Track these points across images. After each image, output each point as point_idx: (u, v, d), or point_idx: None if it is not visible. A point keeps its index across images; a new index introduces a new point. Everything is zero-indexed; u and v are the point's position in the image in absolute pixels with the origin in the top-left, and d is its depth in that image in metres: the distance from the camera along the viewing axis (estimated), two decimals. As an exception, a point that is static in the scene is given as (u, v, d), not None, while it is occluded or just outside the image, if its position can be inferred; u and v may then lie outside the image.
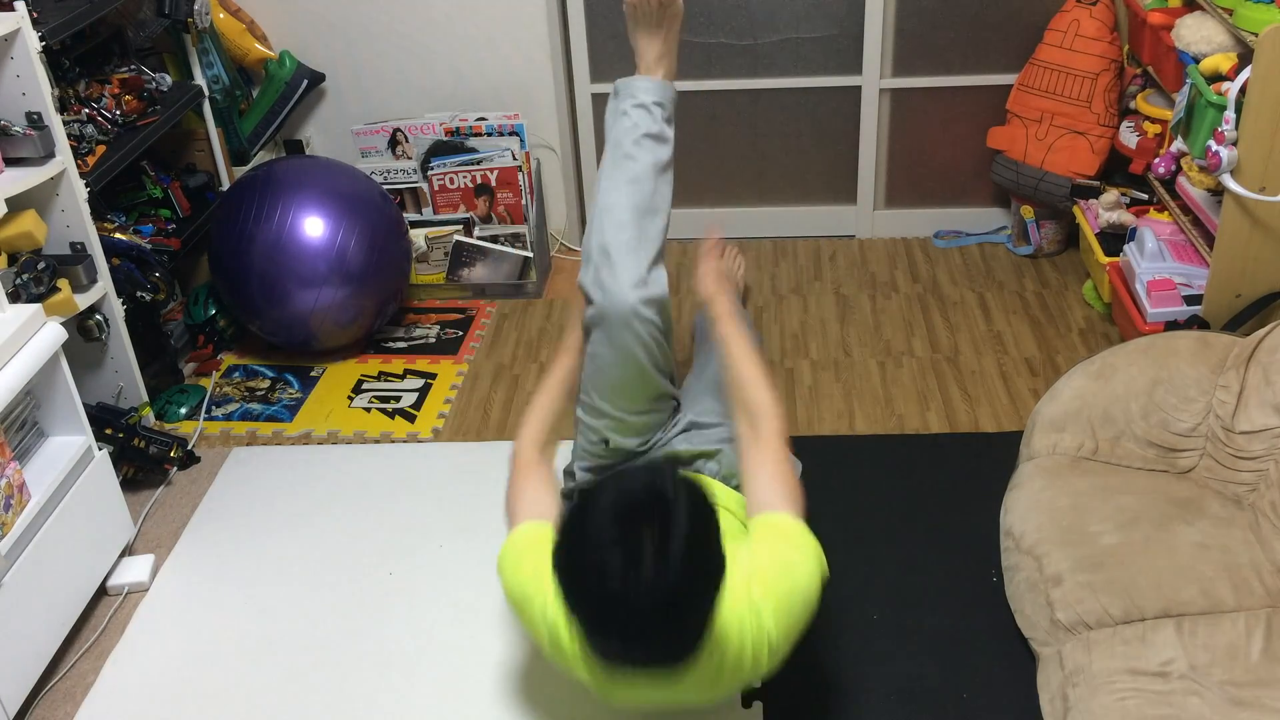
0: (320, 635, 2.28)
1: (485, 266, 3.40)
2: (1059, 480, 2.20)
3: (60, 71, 2.70)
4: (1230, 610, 1.88)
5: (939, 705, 2.03)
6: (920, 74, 3.45)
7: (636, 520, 1.46)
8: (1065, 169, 3.25)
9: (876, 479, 2.58)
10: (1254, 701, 1.74)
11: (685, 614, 1.50)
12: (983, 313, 3.22)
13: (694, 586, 1.49)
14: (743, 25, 3.42)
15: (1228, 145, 2.33)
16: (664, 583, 1.44)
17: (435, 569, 2.43)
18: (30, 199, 2.42)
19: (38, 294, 2.37)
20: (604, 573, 1.45)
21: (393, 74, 3.49)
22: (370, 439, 2.87)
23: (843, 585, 2.30)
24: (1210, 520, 2.05)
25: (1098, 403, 2.29)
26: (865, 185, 3.63)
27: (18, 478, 2.13)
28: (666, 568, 1.44)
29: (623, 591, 1.44)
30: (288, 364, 3.17)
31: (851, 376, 2.97)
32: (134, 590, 2.42)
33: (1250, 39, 2.36)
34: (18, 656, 2.10)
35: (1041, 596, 2.03)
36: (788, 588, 1.68)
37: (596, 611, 1.49)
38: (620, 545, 1.45)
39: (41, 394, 2.29)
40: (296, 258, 2.94)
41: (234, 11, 3.35)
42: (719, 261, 2.33)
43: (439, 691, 2.14)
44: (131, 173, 3.02)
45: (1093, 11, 3.15)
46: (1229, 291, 2.51)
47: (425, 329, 3.32)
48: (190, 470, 2.77)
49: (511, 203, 3.33)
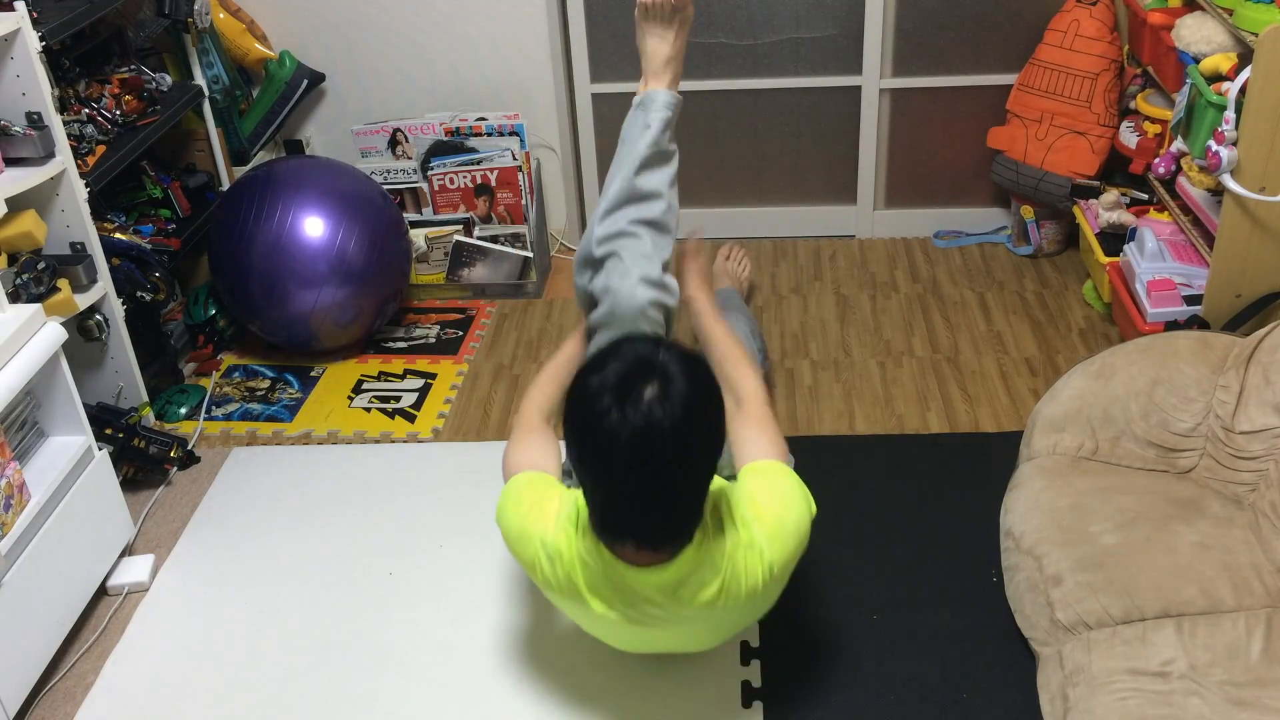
0: (320, 635, 2.28)
1: (485, 266, 3.40)
2: (1059, 480, 2.20)
3: (60, 71, 2.70)
4: (1230, 610, 1.88)
5: (939, 705, 2.03)
6: (920, 74, 3.45)
7: (638, 373, 1.59)
8: (1065, 169, 3.25)
9: (876, 479, 2.58)
10: (1254, 701, 1.74)
11: (683, 458, 1.60)
12: (983, 313, 3.22)
13: (691, 436, 1.59)
14: (743, 25, 3.42)
15: (1228, 145, 2.33)
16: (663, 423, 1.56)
17: (435, 569, 2.43)
18: (30, 199, 2.42)
19: (38, 294, 2.37)
20: (611, 415, 1.56)
21: (393, 74, 3.49)
22: (370, 439, 2.87)
23: (843, 585, 2.30)
24: (1210, 520, 2.05)
25: (1098, 403, 2.29)
26: (865, 185, 3.63)
27: (18, 478, 2.13)
28: (667, 411, 1.56)
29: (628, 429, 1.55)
30: (288, 364, 3.17)
31: (851, 376, 2.97)
32: (134, 590, 2.42)
33: (1250, 39, 2.36)
34: (18, 656, 2.10)
35: (1041, 596, 2.03)
36: (778, 516, 1.76)
37: (603, 459, 1.59)
38: (627, 391, 1.57)
39: (41, 394, 2.29)
40: (296, 258, 2.94)
41: (234, 11, 3.34)
42: (698, 261, 2.35)
43: (439, 691, 2.14)
44: (131, 173, 3.03)
45: (1093, 11, 3.15)
46: (1229, 291, 2.51)
47: (425, 329, 3.32)
48: (190, 470, 2.77)
49: (511, 203, 3.33)
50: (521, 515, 1.82)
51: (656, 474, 1.60)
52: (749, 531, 1.74)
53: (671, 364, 1.62)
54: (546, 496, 1.82)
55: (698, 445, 1.63)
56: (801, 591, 2.27)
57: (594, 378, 1.62)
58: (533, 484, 1.86)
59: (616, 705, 2.07)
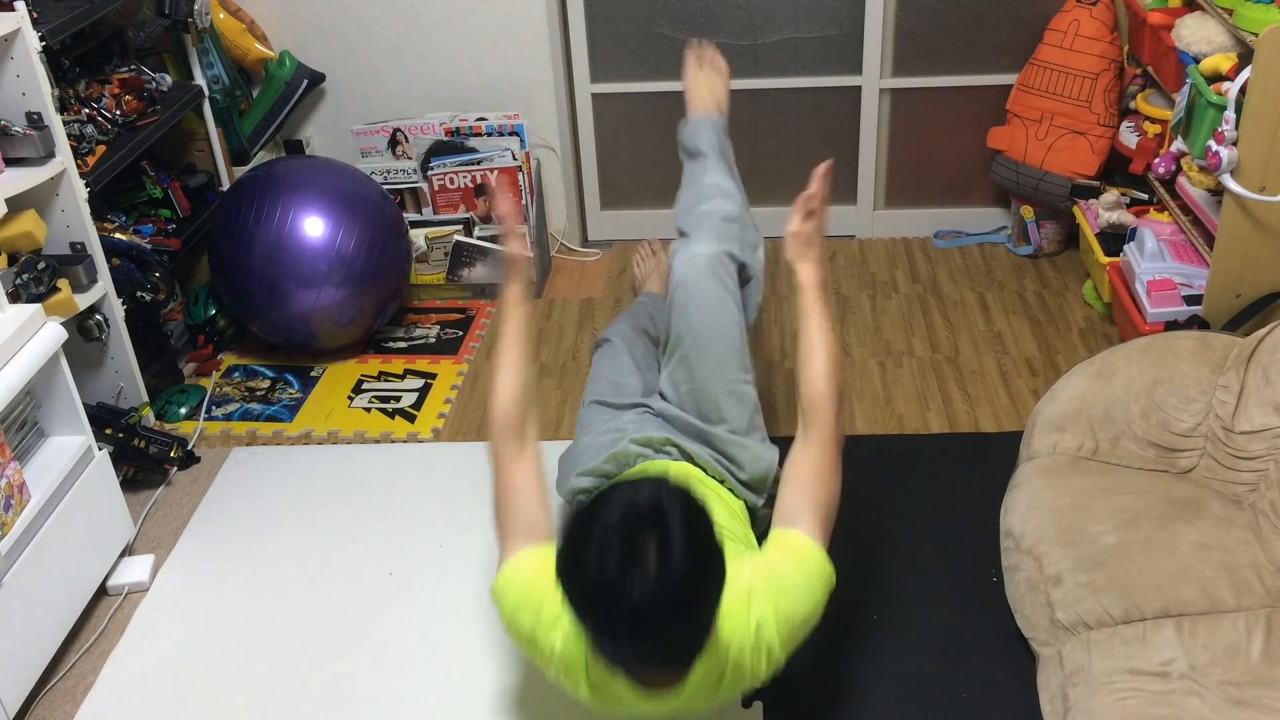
0: (320, 635, 2.28)
1: (485, 266, 3.40)
2: (1059, 480, 2.20)
3: (60, 71, 2.70)
4: (1230, 610, 1.88)
5: (939, 705, 2.03)
6: (920, 74, 3.45)
7: (637, 530, 1.48)
8: (1065, 169, 3.25)
9: (876, 479, 2.58)
10: (1254, 701, 1.74)
11: (690, 612, 1.52)
12: (983, 313, 3.22)
13: (697, 586, 1.52)
14: (743, 25, 3.42)
15: (1228, 145, 2.33)
16: (669, 582, 1.47)
17: (435, 569, 2.43)
18: (30, 199, 2.42)
19: (38, 294, 2.37)
20: (609, 576, 1.47)
21: (393, 74, 3.49)
22: (370, 439, 2.87)
23: (843, 585, 2.29)
24: (1210, 520, 2.05)
25: (1098, 403, 2.29)
26: (865, 185, 3.63)
27: (18, 478, 2.13)
28: (671, 568, 1.47)
29: (628, 593, 1.46)
30: (288, 364, 3.17)
31: (851, 376, 2.97)
32: (134, 590, 2.42)
33: (1250, 39, 2.36)
34: (18, 656, 2.10)
35: (1041, 596, 2.03)
36: (789, 606, 1.70)
37: (603, 615, 1.51)
38: (625, 550, 1.47)
39: (41, 394, 2.29)
40: (296, 258, 2.94)
41: (234, 11, 3.35)
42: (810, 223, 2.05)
43: (439, 691, 2.14)
44: (131, 173, 3.03)
45: (1093, 11, 3.15)
46: (1229, 291, 2.51)
47: (425, 329, 3.32)
48: (190, 470, 2.77)
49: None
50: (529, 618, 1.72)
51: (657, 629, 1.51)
52: (755, 625, 1.68)
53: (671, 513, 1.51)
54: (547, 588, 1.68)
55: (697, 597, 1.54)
56: (801, 591, 2.27)
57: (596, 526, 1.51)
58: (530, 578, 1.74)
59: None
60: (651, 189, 3.69)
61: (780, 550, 1.77)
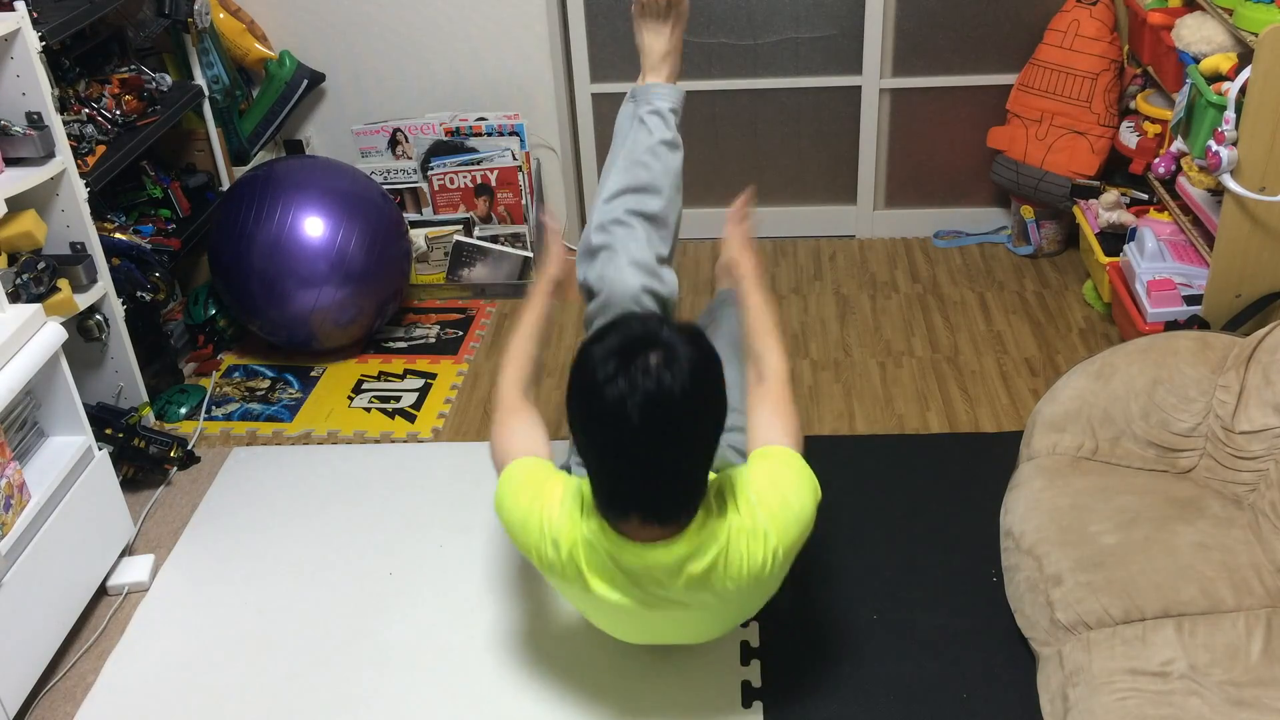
0: (320, 635, 2.28)
1: (485, 266, 3.40)
2: (1059, 480, 2.20)
3: (60, 71, 2.70)
4: (1230, 610, 1.88)
5: (939, 705, 2.03)
6: (920, 74, 3.45)
7: (645, 344, 1.61)
8: (1065, 169, 3.25)
9: (876, 479, 2.58)
10: (1254, 701, 1.74)
11: (690, 427, 1.61)
12: (983, 313, 3.22)
13: (698, 401, 1.61)
14: (743, 25, 3.42)
15: (1228, 145, 2.33)
16: (671, 389, 1.57)
17: (435, 569, 2.43)
18: (30, 199, 2.42)
19: (38, 294, 2.37)
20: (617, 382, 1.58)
21: (393, 74, 3.49)
22: (370, 439, 2.87)
23: (843, 585, 2.30)
24: (1210, 520, 2.05)
25: (1098, 403, 2.29)
26: (865, 185, 3.63)
27: (18, 478, 2.13)
28: (673, 377, 1.58)
29: (637, 394, 1.56)
30: (288, 364, 3.17)
31: (851, 376, 2.97)
32: (134, 590, 2.42)
33: (1250, 39, 2.36)
34: (18, 656, 2.10)
35: (1041, 596, 2.03)
36: (784, 501, 1.76)
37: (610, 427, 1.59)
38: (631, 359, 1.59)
39: (41, 394, 2.29)
40: (296, 258, 2.94)
41: (234, 11, 3.35)
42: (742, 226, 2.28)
43: (439, 691, 2.14)
44: (131, 173, 3.03)
45: (1093, 11, 3.15)
46: (1229, 291, 2.51)
47: (425, 329, 3.32)
48: (190, 470, 2.77)
49: (511, 203, 3.34)
50: (522, 505, 1.81)
51: (663, 441, 1.60)
52: (753, 517, 1.74)
53: (673, 334, 1.63)
54: (546, 482, 1.82)
55: (703, 413, 1.64)
56: (801, 591, 2.27)
57: (597, 348, 1.63)
58: (529, 471, 1.85)
59: (617, 705, 2.07)
60: (651, 189, 3.69)
61: (766, 459, 1.83)
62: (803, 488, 1.79)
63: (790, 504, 1.76)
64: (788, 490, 1.77)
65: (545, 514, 1.79)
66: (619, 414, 1.59)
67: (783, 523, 1.75)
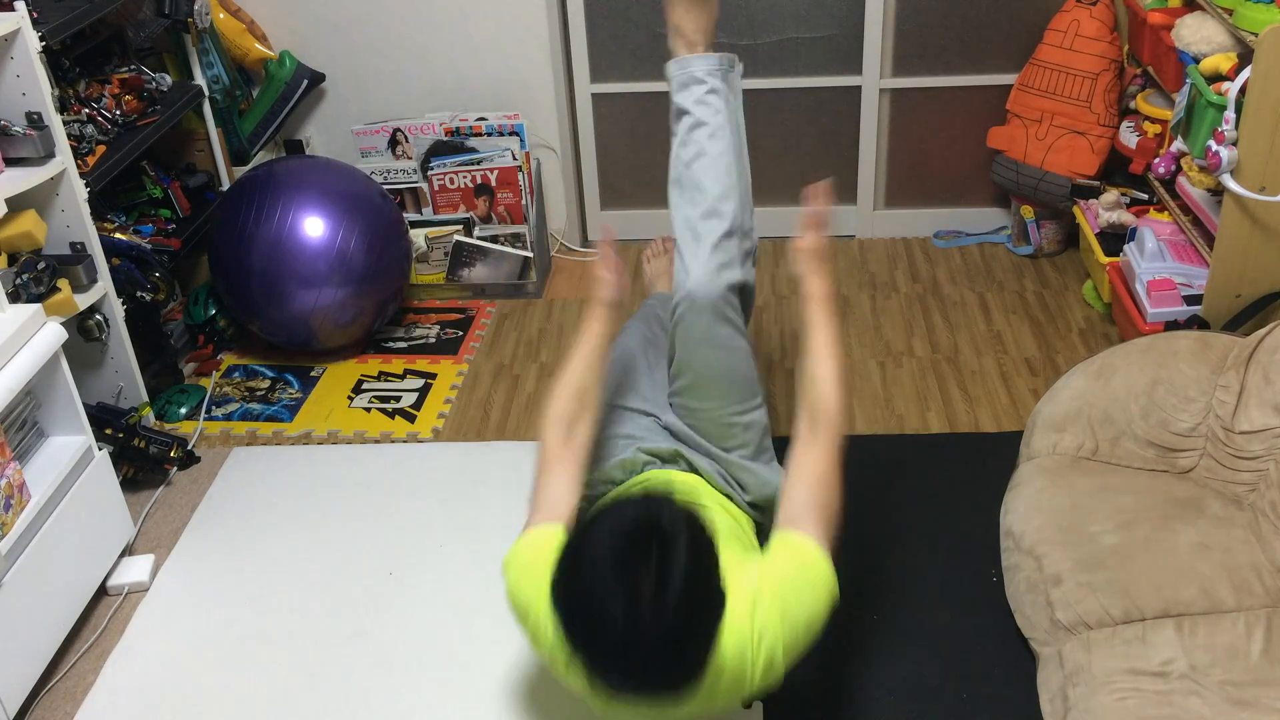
0: (320, 635, 2.28)
1: (485, 266, 3.40)
2: (1059, 480, 2.20)
3: (60, 71, 2.70)
4: (1230, 610, 1.88)
5: (939, 705, 2.03)
6: (920, 74, 3.45)
7: (634, 557, 1.45)
8: (1065, 169, 3.25)
9: (876, 479, 2.58)
10: (1254, 701, 1.74)
11: (685, 648, 1.50)
12: (983, 313, 3.22)
13: (693, 623, 1.49)
14: (743, 25, 3.42)
15: (1228, 145, 2.33)
16: (663, 621, 1.44)
17: (435, 569, 2.43)
18: (30, 199, 2.42)
19: (38, 294, 2.37)
20: (602, 612, 1.45)
21: (393, 74, 3.49)
22: (370, 439, 2.87)
23: (843, 585, 2.29)
24: (1210, 520, 2.05)
25: (1098, 403, 2.29)
26: (865, 185, 3.63)
27: (18, 478, 2.13)
28: (665, 606, 1.44)
29: (622, 630, 1.44)
30: (288, 364, 3.17)
31: (851, 376, 2.97)
32: (134, 590, 2.42)
33: (1250, 39, 2.36)
34: (18, 656, 2.10)
35: (1041, 596, 2.03)
36: (793, 611, 1.68)
37: (595, 649, 1.50)
38: (618, 584, 1.44)
39: (41, 394, 2.29)
40: (296, 258, 2.94)
41: (234, 11, 3.35)
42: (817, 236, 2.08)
43: (439, 691, 2.14)
44: (131, 173, 3.03)
45: (1093, 11, 3.15)
46: (1229, 291, 2.51)
47: (425, 329, 3.32)
48: (190, 470, 2.77)
49: (511, 203, 3.34)
50: (526, 594, 1.73)
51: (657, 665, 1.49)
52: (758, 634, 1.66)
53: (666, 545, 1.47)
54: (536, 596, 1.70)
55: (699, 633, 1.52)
56: (801, 591, 2.27)
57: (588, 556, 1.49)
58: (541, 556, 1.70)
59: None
60: (651, 189, 3.69)
61: (785, 552, 1.75)
62: (818, 596, 1.70)
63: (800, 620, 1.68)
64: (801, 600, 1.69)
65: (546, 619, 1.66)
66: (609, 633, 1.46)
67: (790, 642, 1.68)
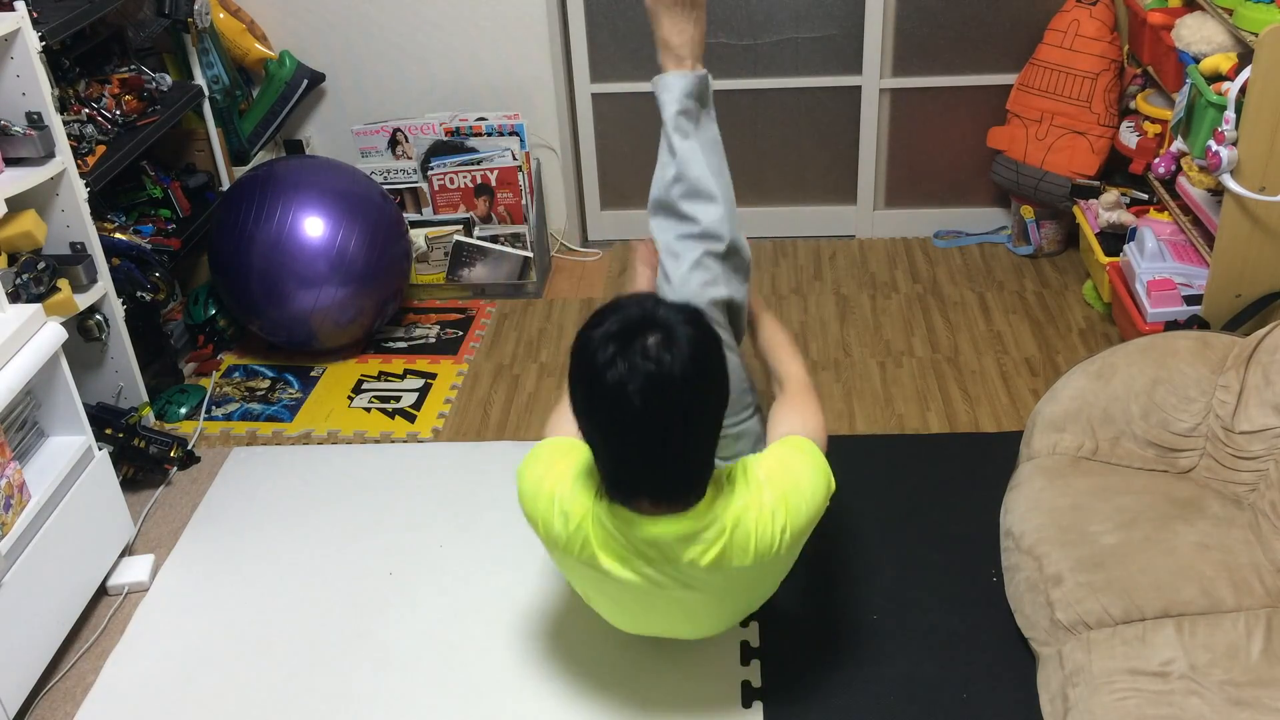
0: (320, 635, 2.28)
1: (485, 266, 3.40)
2: (1059, 480, 2.20)
3: (60, 71, 2.70)
4: (1230, 610, 1.88)
5: (939, 705, 2.03)
6: (920, 74, 3.45)
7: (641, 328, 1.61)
8: (1065, 169, 3.25)
9: (876, 479, 2.58)
10: (1254, 701, 1.74)
11: (693, 410, 1.61)
12: (983, 313, 3.22)
13: (698, 382, 1.61)
14: (743, 25, 3.42)
15: (1228, 145, 2.33)
16: (671, 369, 1.57)
17: (435, 569, 2.43)
18: (30, 199, 2.42)
19: (38, 294, 2.37)
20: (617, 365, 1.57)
21: (393, 74, 3.49)
22: (370, 439, 2.87)
23: (843, 585, 2.30)
24: (1210, 520, 2.05)
25: (1098, 403, 2.29)
26: (865, 185, 3.63)
27: (18, 478, 2.13)
28: (672, 357, 1.58)
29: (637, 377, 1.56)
30: (288, 364, 3.17)
31: (851, 376, 2.97)
32: (134, 590, 2.42)
33: (1250, 39, 2.36)
34: (18, 656, 2.10)
35: (1041, 596, 2.03)
36: (795, 484, 1.76)
37: (611, 411, 1.60)
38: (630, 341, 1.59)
39: (41, 394, 2.29)
40: (296, 258, 2.94)
41: (234, 11, 3.35)
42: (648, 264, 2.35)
43: (439, 691, 2.14)
44: (131, 173, 3.03)
45: (1093, 11, 3.15)
46: (1229, 291, 2.51)
47: (425, 329, 3.32)
48: (190, 470, 2.77)
49: (511, 203, 3.34)
50: (538, 473, 1.83)
51: (666, 422, 1.60)
52: (762, 495, 1.74)
53: (670, 315, 1.63)
54: (565, 457, 1.83)
55: (705, 391, 1.64)
56: (802, 591, 2.27)
57: (595, 333, 1.63)
58: (554, 446, 1.87)
59: (617, 705, 2.07)
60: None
61: (784, 446, 1.84)
62: (816, 474, 1.79)
63: (801, 487, 1.77)
64: (799, 473, 1.78)
65: (557, 486, 1.79)
66: (620, 397, 1.59)
67: (793, 504, 1.75)
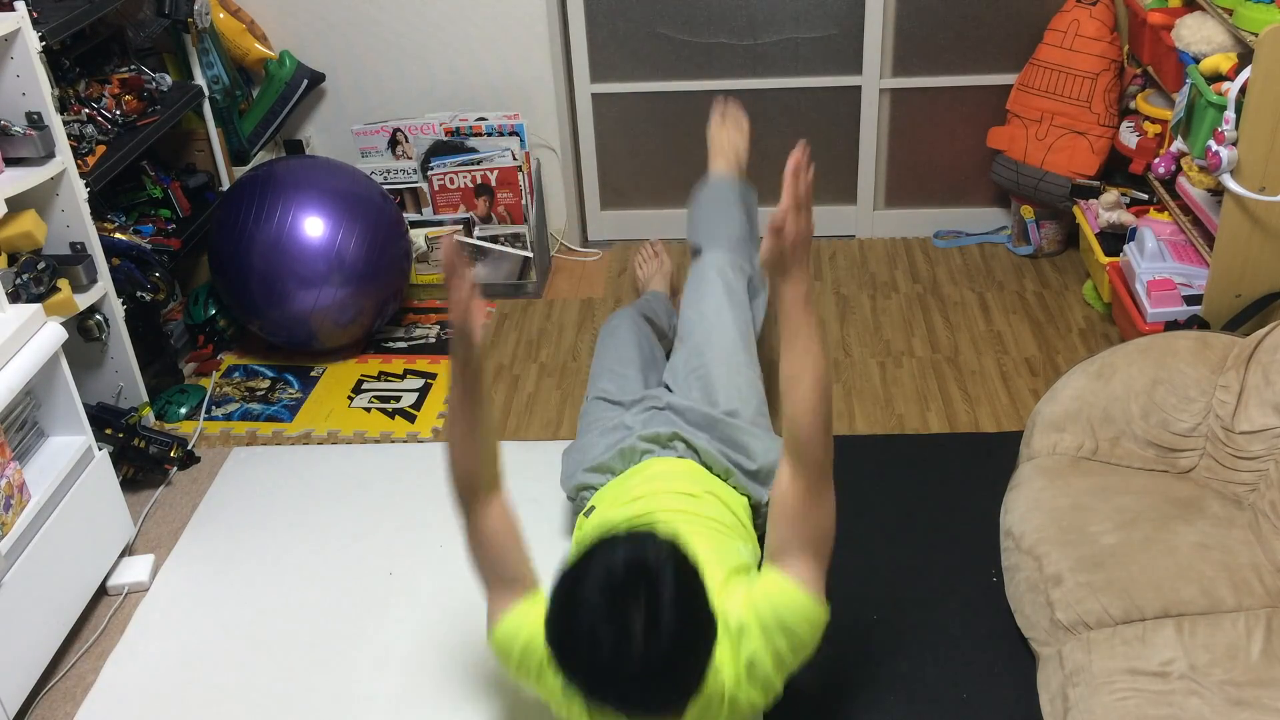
0: (320, 635, 2.28)
1: (485, 266, 3.40)
2: (1059, 480, 2.20)
3: (60, 71, 2.70)
4: (1230, 610, 1.88)
5: (939, 705, 2.03)
6: (920, 74, 3.45)
7: (624, 595, 1.47)
8: (1065, 169, 3.25)
9: (876, 479, 2.58)
10: (1254, 701, 1.74)
11: (679, 674, 1.54)
12: (983, 313, 3.22)
13: (686, 650, 1.52)
14: (743, 25, 3.42)
15: (1228, 145, 2.33)
16: (657, 651, 1.47)
17: (435, 569, 2.43)
18: (30, 199, 2.42)
19: (38, 294, 2.37)
20: (597, 647, 1.47)
21: (393, 74, 3.49)
22: (370, 439, 2.87)
23: (843, 585, 2.30)
24: (1210, 520, 2.05)
25: (1098, 403, 2.29)
26: (865, 185, 3.63)
27: (18, 478, 2.13)
28: (658, 638, 1.46)
29: (617, 662, 1.47)
30: (288, 364, 3.17)
31: (851, 376, 2.97)
32: (134, 590, 2.42)
33: (1250, 39, 2.36)
34: (18, 656, 2.10)
35: (1041, 596, 2.03)
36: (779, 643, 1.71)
37: (592, 680, 1.52)
38: (610, 621, 1.46)
39: (41, 394, 2.29)
40: (296, 258, 2.94)
41: (234, 11, 3.35)
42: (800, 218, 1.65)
43: (439, 691, 2.14)
44: (131, 173, 3.03)
45: (1093, 11, 3.15)
46: (1229, 291, 2.51)
47: (425, 329, 3.32)
48: (190, 470, 2.77)
49: (511, 203, 3.34)
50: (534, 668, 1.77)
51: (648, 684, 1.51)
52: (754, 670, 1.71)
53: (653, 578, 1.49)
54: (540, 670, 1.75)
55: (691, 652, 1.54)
56: (801, 591, 2.27)
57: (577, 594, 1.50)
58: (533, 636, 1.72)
59: None
60: (651, 189, 3.69)
61: (771, 587, 1.75)
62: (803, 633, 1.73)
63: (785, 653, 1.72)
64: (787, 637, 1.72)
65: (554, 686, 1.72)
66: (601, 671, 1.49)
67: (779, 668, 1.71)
